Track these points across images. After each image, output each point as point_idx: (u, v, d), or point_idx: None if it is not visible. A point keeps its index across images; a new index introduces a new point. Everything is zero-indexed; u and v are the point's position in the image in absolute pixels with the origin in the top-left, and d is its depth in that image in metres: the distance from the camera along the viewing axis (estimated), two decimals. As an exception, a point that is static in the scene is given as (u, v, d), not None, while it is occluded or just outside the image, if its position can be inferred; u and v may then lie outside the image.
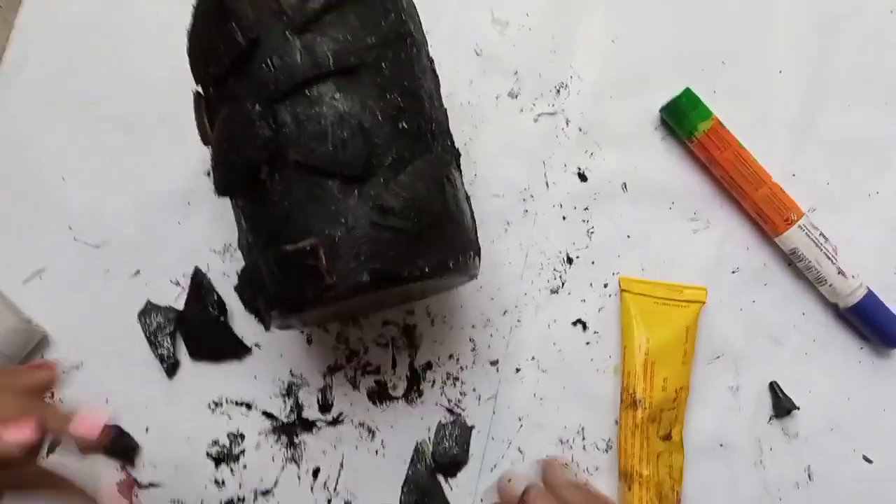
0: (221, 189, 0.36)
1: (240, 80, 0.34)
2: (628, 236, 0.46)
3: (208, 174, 0.44)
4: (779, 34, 0.48)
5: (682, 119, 0.45)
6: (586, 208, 0.46)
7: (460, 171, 0.38)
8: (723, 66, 0.48)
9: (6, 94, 0.45)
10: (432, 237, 0.34)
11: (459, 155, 0.38)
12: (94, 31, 0.46)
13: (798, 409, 0.45)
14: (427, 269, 0.33)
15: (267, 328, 0.36)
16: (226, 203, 0.38)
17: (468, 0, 0.47)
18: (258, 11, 0.34)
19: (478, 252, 0.37)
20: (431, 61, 0.39)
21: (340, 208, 0.33)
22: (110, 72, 0.45)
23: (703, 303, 0.44)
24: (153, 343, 0.43)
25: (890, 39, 0.49)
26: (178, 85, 0.44)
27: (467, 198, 0.38)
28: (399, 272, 0.33)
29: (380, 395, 0.44)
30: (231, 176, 0.35)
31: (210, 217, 0.44)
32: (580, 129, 0.47)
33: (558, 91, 0.47)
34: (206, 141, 0.37)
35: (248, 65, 0.34)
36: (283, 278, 0.33)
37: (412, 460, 0.43)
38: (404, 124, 0.34)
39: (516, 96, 0.47)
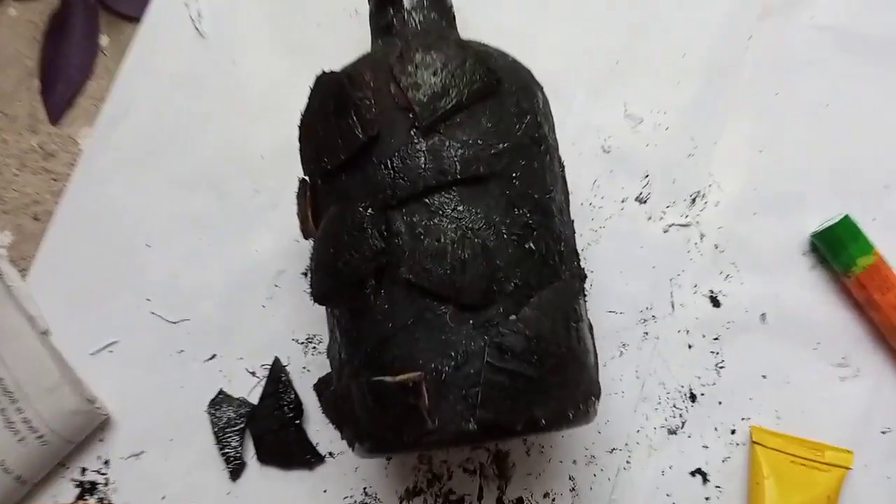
0: (319, 296, 0.32)
1: (353, 178, 0.31)
2: (764, 377, 0.41)
3: (305, 274, 0.41)
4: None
5: (839, 250, 0.40)
6: (716, 338, 0.41)
7: (585, 297, 0.34)
8: (886, 191, 0.42)
9: (100, 147, 0.44)
10: (553, 383, 0.29)
11: (585, 277, 0.34)
12: (197, 93, 0.44)
13: None
14: (544, 423, 0.29)
15: (350, 446, 0.32)
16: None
17: (600, 90, 0.44)
18: (382, 105, 0.31)
19: (598, 395, 0.32)
20: (562, 167, 0.35)
21: (451, 340, 0.29)
22: (208, 137, 0.44)
23: (848, 468, 0.38)
24: (220, 440, 0.39)
25: None
26: (280, 160, 0.43)
27: (590, 329, 0.33)
28: (512, 425, 0.28)
29: (461, 530, 0.39)
30: (332, 284, 0.31)
31: (297, 304, 0.41)
32: (716, 247, 0.42)
33: (694, 200, 0.42)
34: (306, 234, 0.34)
35: (365, 162, 0.31)
36: (376, 412, 0.29)
37: None
38: (531, 245, 0.30)
39: (645, 202, 0.42)
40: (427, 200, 0.30)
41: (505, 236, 0.30)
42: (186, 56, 0.45)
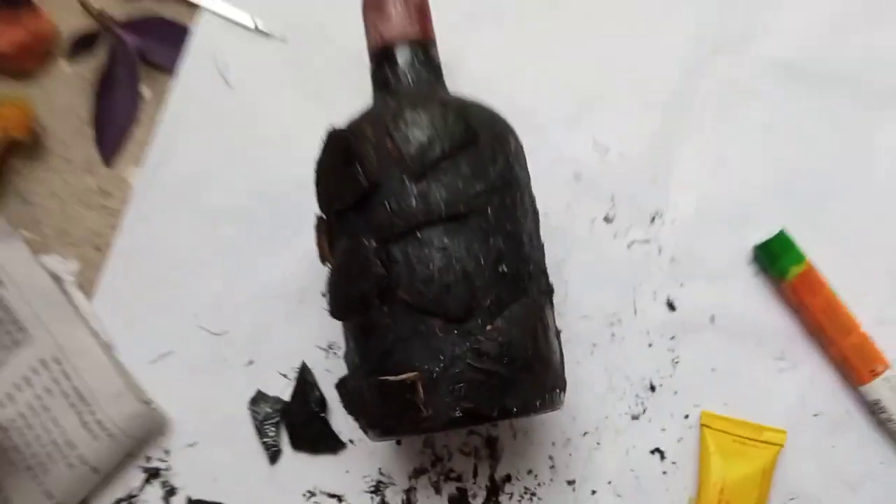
0: (335, 313, 0.39)
1: (359, 217, 0.38)
2: (713, 369, 0.47)
3: (323, 295, 0.48)
4: (881, 178, 0.49)
5: (775, 261, 0.46)
6: (673, 338, 0.48)
7: (553, 308, 0.41)
8: (822, 208, 0.48)
9: (148, 185, 0.50)
10: (522, 379, 0.36)
11: (552, 292, 0.41)
12: (227, 136, 0.51)
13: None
14: (515, 410, 0.36)
15: (365, 433, 0.40)
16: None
17: (571, 124, 0.50)
18: (381, 157, 0.37)
19: (564, 388, 0.39)
20: (533, 199, 0.42)
21: (440, 346, 0.36)
22: (238, 174, 0.50)
23: (782, 446, 0.45)
24: (260, 431, 0.47)
25: None
26: (299, 194, 0.50)
27: (558, 335, 0.40)
28: (489, 412, 0.35)
29: (460, 502, 0.46)
30: (345, 303, 0.38)
31: (318, 316, 0.48)
32: (672, 259, 0.48)
33: (653, 219, 0.49)
34: (323, 261, 0.41)
35: (368, 204, 0.37)
36: (383, 405, 0.37)
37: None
38: (504, 268, 0.37)
39: (611, 221, 0.49)
40: (419, 235, 0.36)
41: (482, 262, 0.37)
42: (216, 103, 0.51)
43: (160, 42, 0.52)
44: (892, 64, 0.50)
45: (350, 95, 0.50)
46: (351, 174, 0.38)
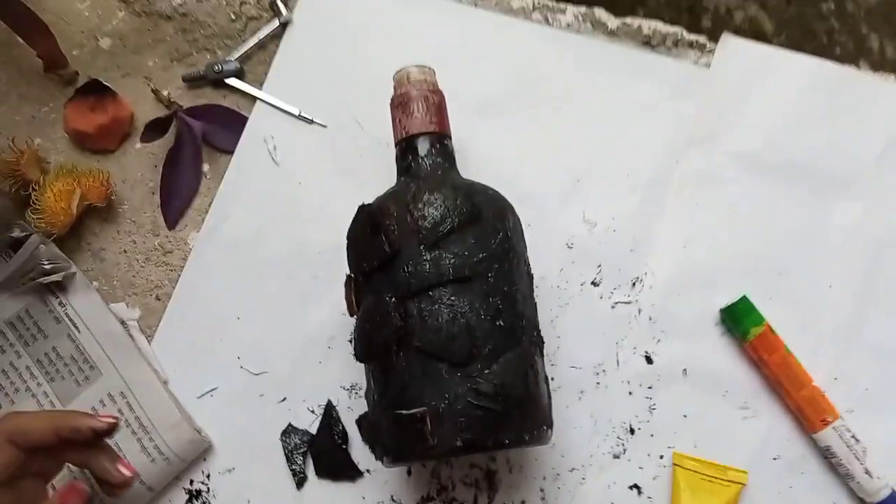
0: (360, 357, 0.47)
1: (382, 278, 0.45)
2: (685, 416, 0.54)
3: (350, 341, 0.56)
4: (832, 252, 0.56)
5: (738, 323, 0.53)
6: (650, 387, 0.55)
7: (542, 357, 0.48)
8: (779, 276, 0.56)
9: (204, 247, 0.58)
10: (514, 416, 0.43)
11: (543, 343, 0.48)
12: (272, 206, 0.59)
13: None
14: (507, 442, 0.43)
15: (380, 460, 0.46)
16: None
17: (566, 201, 0.58)
18: (402, 229, 0.45)
19: (550, 425, 0.46)
20: (528, 266, 0.49)
21: (446, 386, 0.43)
22: (281, 238, 0.58)
23: (744, 484, 0.51)
24: (290, 459, 0.54)
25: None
26: (331, 255, 0.57)
27: (546, 380, 0.47)
28: (485, 443, 0.42)
29: (462, 527, 0.53)
30: (368, 349, 0.46)
31: (343, 361, 0.56)
32: (650, 318, 0.56)
33: (634, 284, 0.56)
34: (351, 313, 0.49)
35: (390, 267, 0.45)
36: (397, 435, 0.44)
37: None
38: (501, 322, 0.45)
39: (598, 285, 0.56)
40: (431, 293, 0.44)
41: (482, 317, 0.44)
42: (265, 179, 0.59)
43: (220, 126, 0.60)
44: (840, 155, 0.57)
45: (378, 176, 0.58)
46: (377, 242, 0.45)
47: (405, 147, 0.50)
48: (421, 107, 0.50)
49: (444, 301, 0.44)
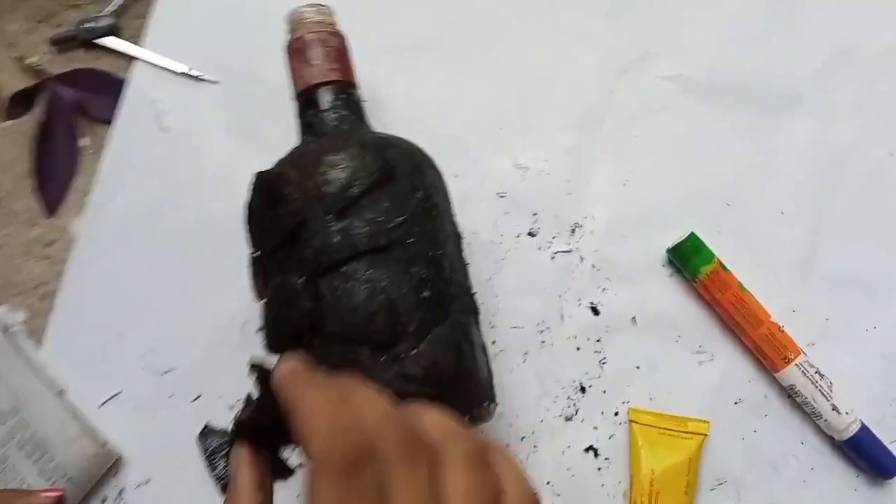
0: (271, 347, 0.41)
1: (287, 255, 0.40)
2: (637, 367, 0.50)
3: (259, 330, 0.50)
4: (782, 178, 0.52)
5: (687, 262, 0.49)
6: (598, 340, 0.51)
7: (478, 324, 0.43)
8: (727, 208, 0.52)
9: (90, 232, 0.52)
10: (450, 397, 0.38)
11: (477, 309, 0.43)
12: (166, 178, 0.53)
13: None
14: (444, 426, 0.38)
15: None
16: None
17: (494, 148, 0.53)
18: (304, 197, 0.39)
19: (493, 400, 0.41)
20: (454, 224, 0.44)
21: (370, 373, 0.38)
22: (179, 214, 0.52)
23: (706, 435, 0.48)
24: (210, 463, 0.48)
25: (889, 180, 0.52)
26: (239, 230, 0.49)
27: (484, 349, 0.43)
28: (419, 431, 0.38)
29: (408, 512, 0.49)
30: (278, 337, 0.40)
31: (261, 349, 0.50)
32: (593, 266, 0.51)
33: (573, 231, 0.52)
34: (259, 298, 0.43)
35: (295, 243, 0.40)
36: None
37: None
38: (427, 293, 0.39)
39: (535, 235, 0.52)
40: (343, 269, 0.38)
41: (405, 290, 0.39)
42: (154, 148, 0.53)
43: (97, 93, 0.54)
44: (781, 73, 0.53)
45: (281, 131, 0.51)
46: (277, 215, 0.40)
47: (304, 100, 0.44)
48: (319, 53, 0.43)
49: (359, 276, 0.38)
